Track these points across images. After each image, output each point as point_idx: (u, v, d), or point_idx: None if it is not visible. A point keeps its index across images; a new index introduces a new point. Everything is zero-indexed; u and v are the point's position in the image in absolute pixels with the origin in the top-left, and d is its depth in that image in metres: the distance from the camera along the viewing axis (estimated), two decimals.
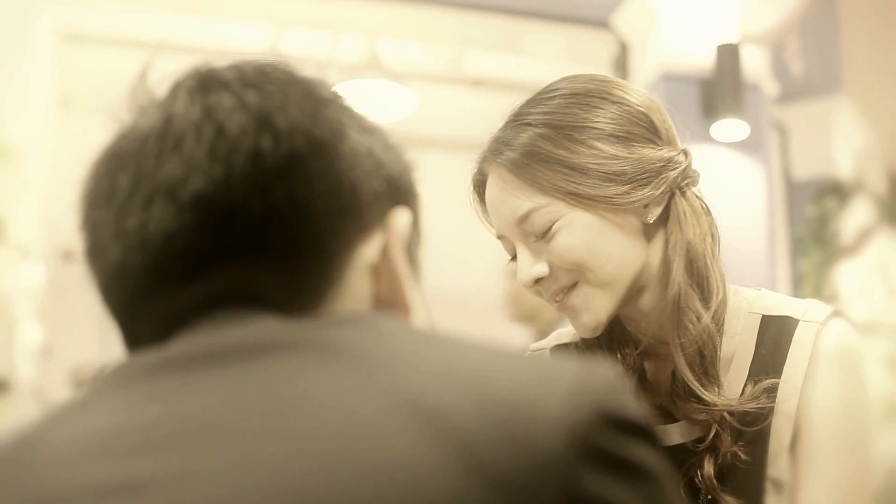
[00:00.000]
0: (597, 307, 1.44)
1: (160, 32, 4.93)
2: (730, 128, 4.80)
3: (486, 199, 1.49)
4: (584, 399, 0.70)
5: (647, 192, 1.43)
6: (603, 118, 1.43)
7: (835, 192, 5.57)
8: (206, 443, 0.69)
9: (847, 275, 5.46)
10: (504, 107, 1.51)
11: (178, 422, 0.71)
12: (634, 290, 1.47)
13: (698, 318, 1.43)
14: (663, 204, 1.46)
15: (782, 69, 5.17)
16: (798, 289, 5.49)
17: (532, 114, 1.45)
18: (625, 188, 1.41)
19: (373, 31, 5.26)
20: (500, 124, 1.50)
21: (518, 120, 1.47)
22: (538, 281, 1.45)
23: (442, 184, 2.05)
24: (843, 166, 5.61)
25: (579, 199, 1.41)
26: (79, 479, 0.69)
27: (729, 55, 4.84)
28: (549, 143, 1.41)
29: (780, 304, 1.49)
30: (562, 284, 1.44)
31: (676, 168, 1.46)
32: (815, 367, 1.41)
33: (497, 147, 1.46)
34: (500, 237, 1.49)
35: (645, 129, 1.46)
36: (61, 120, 4.95)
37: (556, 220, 1.41)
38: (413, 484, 0.65)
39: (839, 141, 5.61)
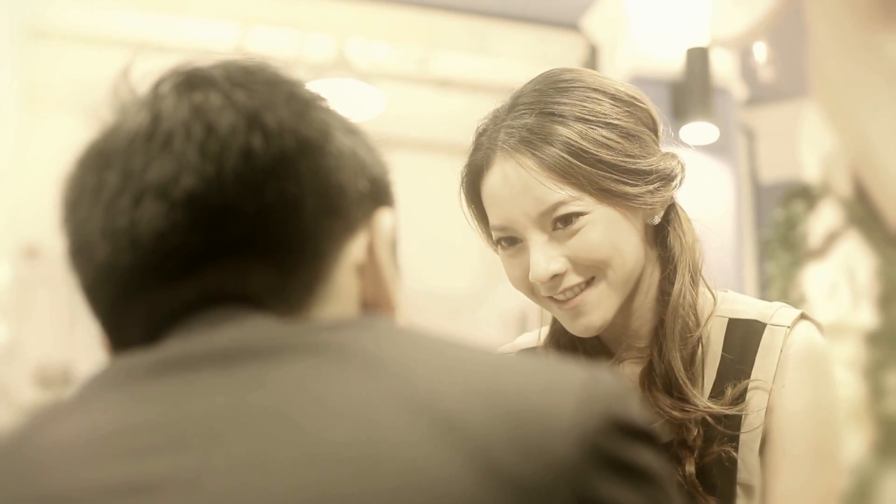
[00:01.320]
0: (607, 306, 1.43)
1: (126, 30, 4.91)
2: (699, 131, 4.82)
3: (492, 189, 1.45)
4: (595, 406, 0.71)
5: (665, 193, 1.45)
6: (623, 116, 1.43)
7: (802, 195, 5.60)
8: (216, 444, 0.68)
9: (814, 278, 5.48)
10: (472, 107, 1.49)
11: (185, 422, 0.70)
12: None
13: (697, 321, 1.45)
14: (665, 208, 1.48)
15: (751, 73, 5.19)
16: (765, 291, 5.51)
17: (551, 104, 1.42)
18: (649, 188, 1.42)
19: (341, 31, 5.25)
20: (506, 109, 1.46)
21: (535, 109, 1.42)
22: (553, 277, 1.42)
23: (409, 184, 2.04)
24: (811, 170, 5.64)
25: (608, 195, 1.39)
26: (87, 479, 0.68)
27: (698, 59, 4.86)
28: (582, 138, 1.38)
29: (747, 307, 1.49)
30: (577, 282, 1.42)
31: (679, 174, 1.47)
32: (784, 370, 1.42)
33: (520, 135, 1.41)
34: (502, 228, 1.45)
35: (652, 132, 1.47)
36: (27, 117, 4.92)
37: (584, 215, 1.39)
38: (430, 490, 0.65)
39: (806, 145, 5.63)
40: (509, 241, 1.45)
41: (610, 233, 1.40)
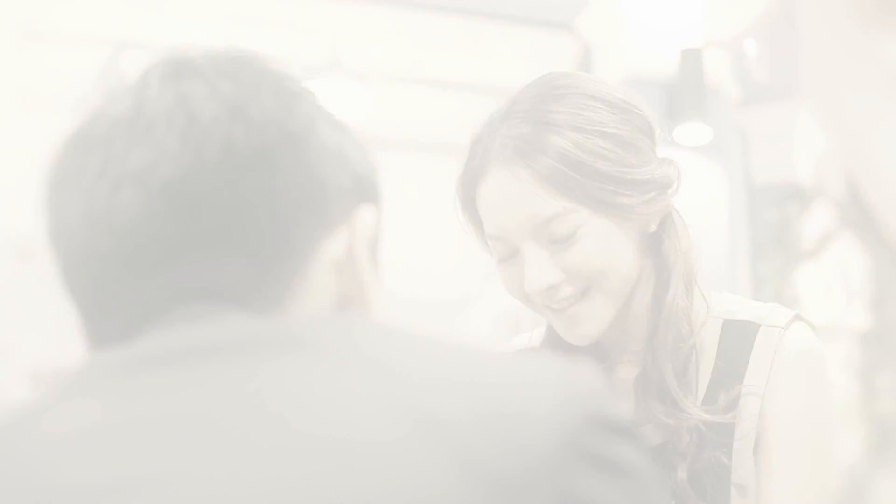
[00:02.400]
0: (602, 315, 1.43)
1: (121, 30, 4.90)
2: (693, 132, 4.82)
3: (487, 199, 1.43)
4: (574, 402, 0.72)
5: (662, 202, 1.43)
6: (619, 125, 1.41)
7: (796, 196, 5.60)
8: (196, 441, 0.68)
9: (807, 278, 5.49)
10: (466, 108, 1.48)
11: (165, 420, 0.70)
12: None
13: (690, 329, 1.45)
14: (661, 216, 1.46)
15: (745, 74, 5.19)
16: (759, 292, 5.51)
17: (548, 112, 1.40)
18: (646, 198, 1.40)
19: (334, 31, 5.24)
20: (501, 117, 1.44)
21: (530, 117, 1.41)
22: (548, 288, 1.41)
23: (403, 185, 2.04)
24: (804, 171, 5.65)
25: (604, 206, 1.38)
26: (73, 477, 0.68)
27: (692, 59, 4.85)
28: (578, 148, 1.37)
29: (741, 308, 1.49)
30: (572, 292, 1.41)
31: (676, 181, 1.46)
32: (778, 372, 1.41)
33: (514, 144, 1.39)
34: (497, 238, 1.44)
35: (648, 139, 1.46)
36: (20, 117, 4.91)
37: (581, 226, 1.38)
38: (410, 486, 0.65)
39: (800, 146, 5.64)
40: (504, 250, 1.44)
41: (605, 244, 1.39)
